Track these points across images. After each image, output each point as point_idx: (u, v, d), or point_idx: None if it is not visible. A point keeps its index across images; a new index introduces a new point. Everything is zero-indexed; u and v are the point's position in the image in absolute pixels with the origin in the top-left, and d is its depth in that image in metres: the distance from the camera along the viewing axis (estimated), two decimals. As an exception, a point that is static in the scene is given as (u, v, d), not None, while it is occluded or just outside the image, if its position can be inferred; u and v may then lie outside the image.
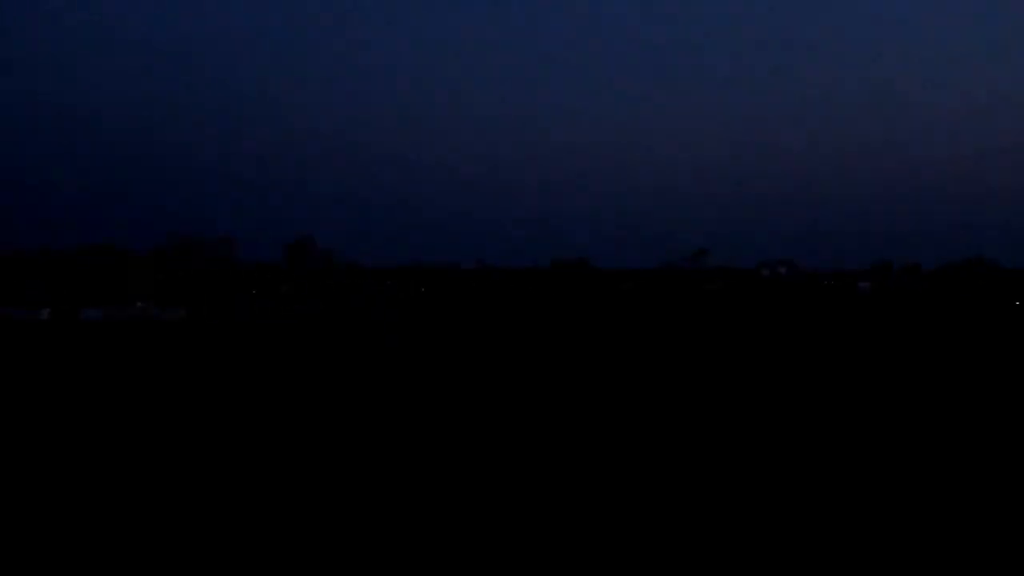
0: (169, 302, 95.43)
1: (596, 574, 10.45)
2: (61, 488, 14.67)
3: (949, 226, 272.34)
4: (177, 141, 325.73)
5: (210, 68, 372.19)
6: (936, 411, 22.71)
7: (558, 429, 20.31)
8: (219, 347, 44.83)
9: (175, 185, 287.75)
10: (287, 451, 17.62)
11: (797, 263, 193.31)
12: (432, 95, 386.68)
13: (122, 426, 20.90)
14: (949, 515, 12.80)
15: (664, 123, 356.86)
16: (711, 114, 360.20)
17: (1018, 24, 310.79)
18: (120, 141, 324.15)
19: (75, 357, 39.85)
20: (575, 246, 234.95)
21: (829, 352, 40.80)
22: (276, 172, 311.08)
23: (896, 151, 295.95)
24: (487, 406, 24.07)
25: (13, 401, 25.18)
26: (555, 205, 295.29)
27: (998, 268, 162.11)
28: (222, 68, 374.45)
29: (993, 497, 13.62)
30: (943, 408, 23.24)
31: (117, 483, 15.03)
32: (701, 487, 14.57)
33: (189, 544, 11.70)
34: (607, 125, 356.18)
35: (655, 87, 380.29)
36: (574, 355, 39.25)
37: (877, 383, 28.92)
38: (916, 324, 64.01)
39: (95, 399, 25.62)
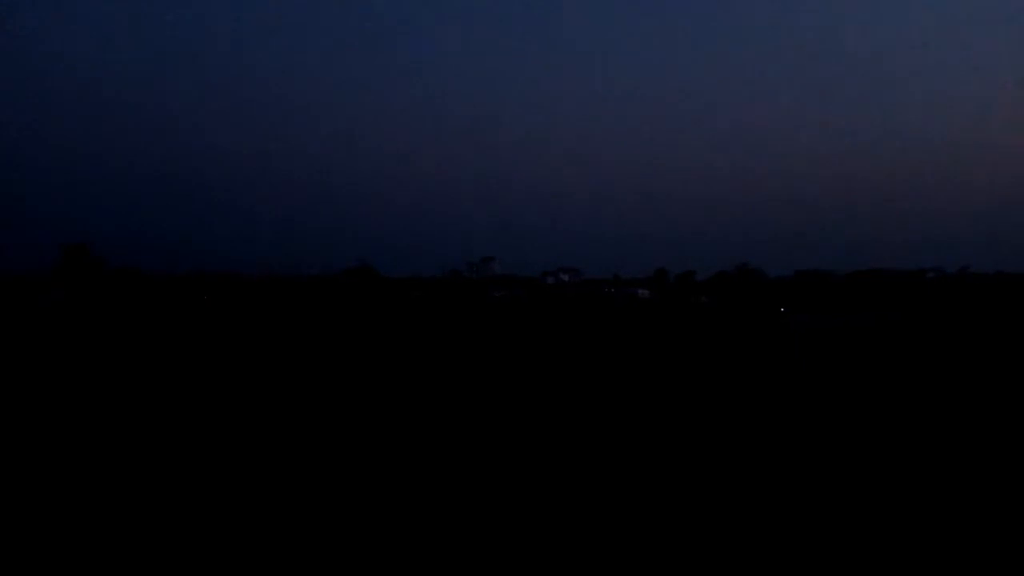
0: None
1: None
2: None
3: (721, 236, 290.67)
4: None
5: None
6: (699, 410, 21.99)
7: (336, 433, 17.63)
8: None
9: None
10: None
11: (580, 271, 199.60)
12: (210, 101, 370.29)
13: None
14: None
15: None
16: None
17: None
18: None
19: None
20: (361, 254, 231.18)
21: (608, 355, 40.91)
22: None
23: (666, 170, 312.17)
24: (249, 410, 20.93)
25: None
26: (344, 213, 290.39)
27: (764, 277, 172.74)
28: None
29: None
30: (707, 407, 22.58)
31: None
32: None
33: None
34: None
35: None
36: (359, 363, 36.79)
37: (650, 385, 28.33)
38: (689, 328, 66.64)
39: None
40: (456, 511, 13.18)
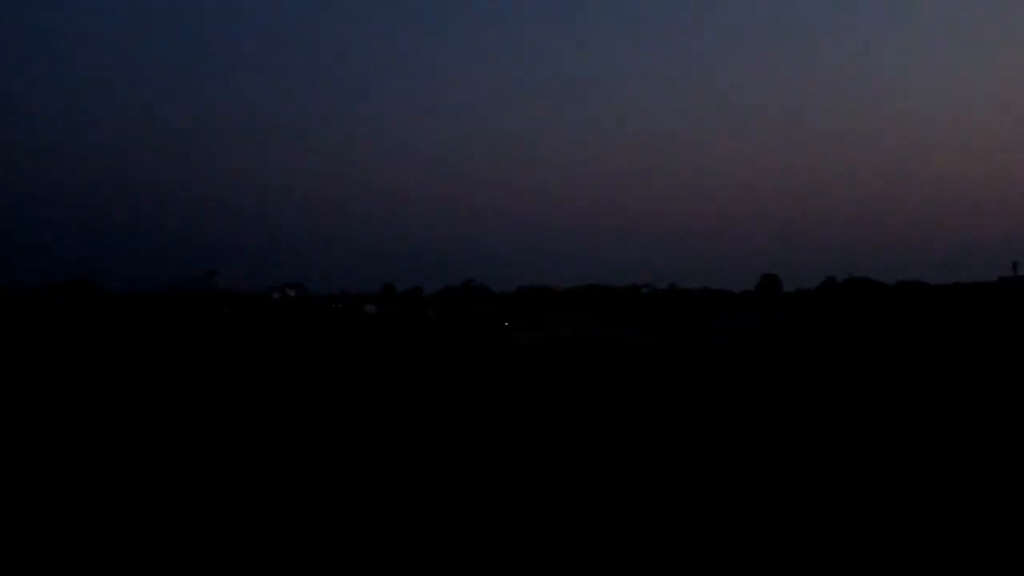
0: None
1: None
2: None
3: (448, 252, 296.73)
4: None
5: None
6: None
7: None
8: None
9: None
10: None
11: (307, 286, 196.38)
12: None
13: None
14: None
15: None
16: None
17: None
18: None
19: None
20: (81, 267, 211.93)
21: (336, 369, 41.01)
22: None
23: (387, 186, 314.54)
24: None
25: None
26: (60, 223, 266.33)
27: (489, 292, 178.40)
28: None
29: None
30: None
31: None
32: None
33: None
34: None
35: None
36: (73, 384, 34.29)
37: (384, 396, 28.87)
38: (416, 341, 68.17)
39: None
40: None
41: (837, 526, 12.88)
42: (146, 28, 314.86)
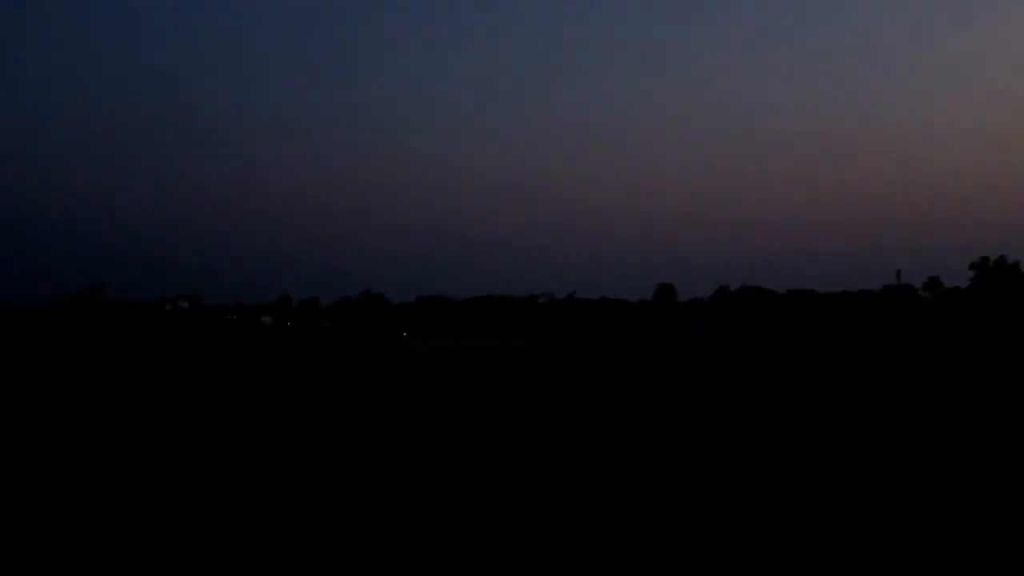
0: None
1: None
2: None
3: (345, 262, 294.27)
4: None
5: None
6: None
7: None
8: None
9: None
10: None
11: (201, 297, 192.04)
12: None
13: None
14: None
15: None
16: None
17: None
18: None
19: None
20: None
21: (233, 381, 40.34)
22: None
23: (288, 196, 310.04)
24: None
25: None
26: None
27: (387, 302, 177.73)
28: None
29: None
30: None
31: None
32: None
33: None
34: None
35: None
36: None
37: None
38: (315, 353, 66.91)
39: None
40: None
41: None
42: None
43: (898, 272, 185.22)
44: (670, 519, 13.45)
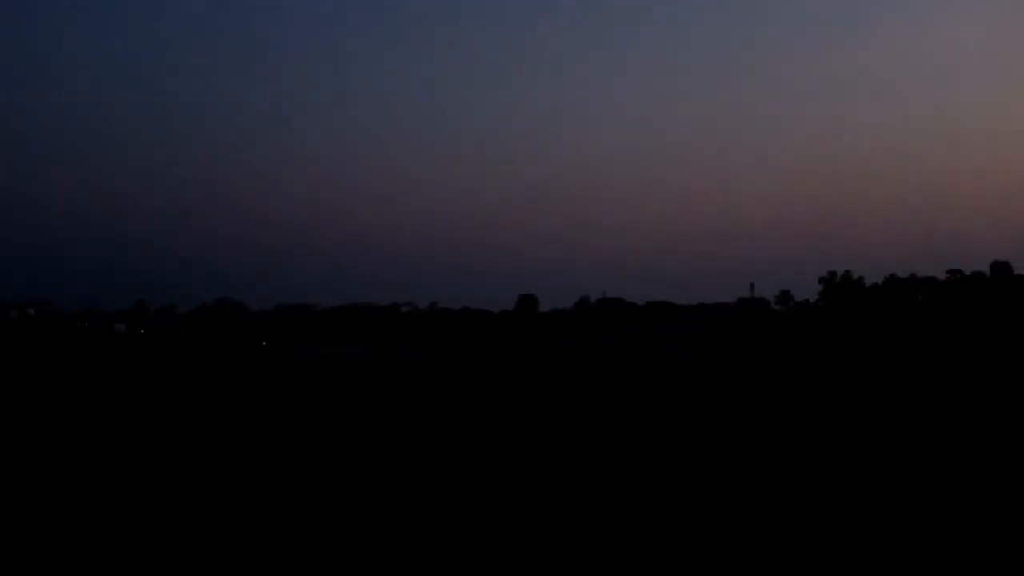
0: None
1: None
2: None
3: (203, 270, 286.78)
4: None
5: None
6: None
7: None
8: None
9: None
10: None
11: (52, 302, 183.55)
12: None
13: None
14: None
15: None
16: None
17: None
18: None
19: None
20: None
21: (87, 389, 39.91)
22: None
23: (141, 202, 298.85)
24: None
25: None
26: None
27: (246, 310, 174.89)
28: None
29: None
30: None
31: None
32: None
33: None
34: None
35: None
36: None
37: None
38: (171, 360, 66.59)
39: None
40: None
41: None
42: None
43: (751, 285, 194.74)
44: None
